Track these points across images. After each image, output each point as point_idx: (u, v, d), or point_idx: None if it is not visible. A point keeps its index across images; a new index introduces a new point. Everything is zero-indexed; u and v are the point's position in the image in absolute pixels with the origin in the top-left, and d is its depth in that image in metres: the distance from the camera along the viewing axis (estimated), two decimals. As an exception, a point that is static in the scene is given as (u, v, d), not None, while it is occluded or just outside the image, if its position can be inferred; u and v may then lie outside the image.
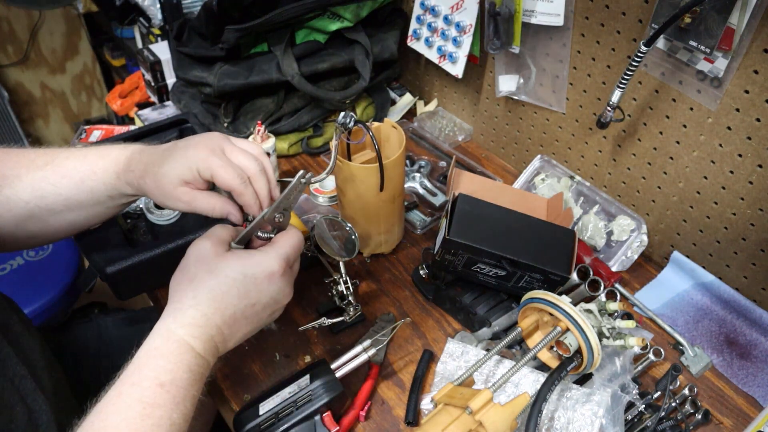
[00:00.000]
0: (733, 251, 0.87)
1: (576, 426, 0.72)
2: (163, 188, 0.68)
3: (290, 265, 0.66)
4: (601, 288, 0.85)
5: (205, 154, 0.66)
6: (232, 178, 0.66)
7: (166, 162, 0.68)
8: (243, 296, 0.61)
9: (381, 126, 0.90)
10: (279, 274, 0.63)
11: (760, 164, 0.78)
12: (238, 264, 0.62)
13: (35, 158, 0.73)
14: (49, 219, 0.74)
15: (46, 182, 0.72)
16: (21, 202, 0.72)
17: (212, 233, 0.65)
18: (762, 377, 0.82)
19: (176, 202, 0.69)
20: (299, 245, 0.66)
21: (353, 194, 0.87)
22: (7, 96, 2.27)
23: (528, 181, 1.10)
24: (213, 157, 0.66)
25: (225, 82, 1.08)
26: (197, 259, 0.62)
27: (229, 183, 0.66)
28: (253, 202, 0.68)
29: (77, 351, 0.96)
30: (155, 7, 1.79)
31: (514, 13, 0.95)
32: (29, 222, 0.74)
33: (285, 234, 0.67)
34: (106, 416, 0.54)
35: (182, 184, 0.67)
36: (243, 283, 0.61)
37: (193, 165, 0.67)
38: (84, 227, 0.79)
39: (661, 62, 0.82)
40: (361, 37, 1.15)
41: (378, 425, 0.76)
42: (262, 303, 0.63)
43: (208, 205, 0.69)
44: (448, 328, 0.89)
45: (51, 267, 1.47)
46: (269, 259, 0.63)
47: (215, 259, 0.62)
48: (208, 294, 0.60)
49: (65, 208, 0.74)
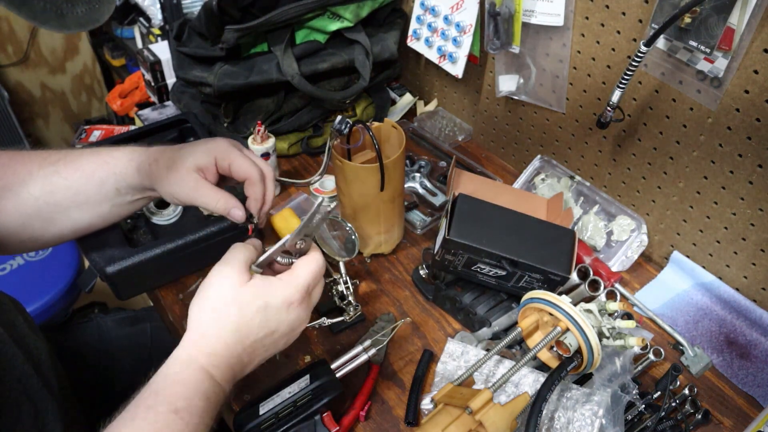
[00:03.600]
0: (733, 251, 0.87)
1: (576, 426, 0.72)
2: (175, 169, 0.71)
3: (309, 292, 0.65)
4: (601, 288, 0.85)
5: (225, 146, 0.73)
6: (250, 166, 0.72)
7: (184, 148, 0.73)
8: (263, 326, 0.61)
9: (381, 126, 0.90)
10: (298, 302, 0.62)
11: (760, 164, 0.78)
12: (261, 294, 0.61)
13: (48, 156, 0.75)
14: (55, 217, 0.75)
15: (57, 176, 0.73)
16: (31, 198, 0.73)
17: (234, 257, 0.63)
18: (762, 377, 0.82)
19: (182, 187, 0.70)
20: (320, 271, 0.65)
21: (353, 194, 0.87)
22: (7, 96, 2.26)
23: (528, 181, 1.10)
24: (233, 149, 0.72)
25: (225, 82, 1.08)
26: (220, 286, 0.61)
27: (246, 170, 0.71)
28: (260, 196, 0.70)
29: (77, 351, 0.96)
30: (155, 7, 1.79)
31: (514, 13, 0.96)
32: (35, 220, 0.74)
33: (305, 259, 0.65)
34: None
35: (195, 169, 0.70)
36: (265, 313, 0.61)
37: (212, 152, 0.72)
38: (85, 231, 0.80)
39: (661, 62, 0.82)
40: (361, 37, 1.15)
41: (378, 425, 0.76)
42: (281, 332, 0.63)
43: (212, 197, 0.71)
44: (448, 328, 0.89)
45: (51, 267, 1.47)
46: (290, 288, 0.62)
47: (239, 288, 0.61)
48: (232, 325, 0.60)
49: (72, 203, 0.74)
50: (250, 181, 0.73)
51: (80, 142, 1.33)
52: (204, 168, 0.71)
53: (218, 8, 1.03)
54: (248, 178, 0.73)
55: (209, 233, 0.91)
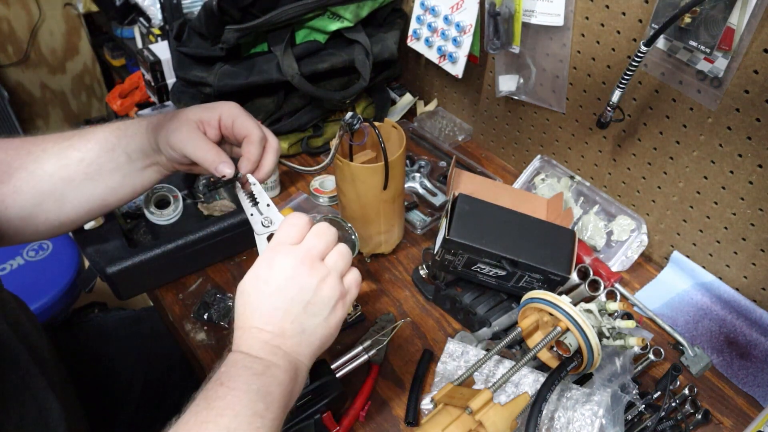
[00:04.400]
0: (733, 251, 0.87)
1: (576, 426, 0.72)
2: (176, 118, 0.71)
3: (296, 242, 0.62)
4: (601, 288, 0.85)
5: (232, 105, 0.73)
6: (253, 126, 0.71)
7: (191, 106, 0.74)
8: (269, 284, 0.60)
9: (381, 126, 0.90)
10: (284, 254, 0.61)
11: (760, 164, 0.78)
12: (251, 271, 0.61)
13: (63, 133, 0.76)
14: (68, 193, 0.75)
15: (71, 149, 0.74)
16: (45, 175, 0.73)
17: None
18: (762, 377, 0.82)
19: (177, 135, 0.70)
20: (294, 222, 0.62)
21: (353, 194, 0.87)
22: (7, 96, 2.27)
23: (528, 181, 1.10)
24: (241, 110, 0.72)
25: (225, 82, 1.08)
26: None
27: (249, 127, 0.71)
28: (255, 158, 0.70)
29: (77, 351, 0.96)
30: (155, 7, 1.79)
31: (514, 13, 0.96)
32: (49, 199, 0.74)
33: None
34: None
35: (196, 121, 0.71)
36: (264, 280, 0.60)
37: (217, 109, 0.72)
38: (98, 211, 0.79)
39: (661, 62, 0.82)
40: (361, 37, 1.15)
41: (378, 425, 0.76)
42: (287, 282, 0.60)
43: (203, 147, 0.70)
44: (448, 328, 0.89)
45: (51, 267, 1.47)
46: (265, 254, 0.61)
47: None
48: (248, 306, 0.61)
49: (85, 176, 0.74)
50: (248, 140, 0.70)
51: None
52: (205, 122, 0.71)
53: (218, 8, 1.03)
54: (248, 136, 0.71)
55: (209, 233, 0.91)
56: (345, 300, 0.63)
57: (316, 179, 1.12)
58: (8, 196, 0.72)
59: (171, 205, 0.97)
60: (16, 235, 0.75)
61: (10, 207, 0.72)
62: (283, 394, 0.57)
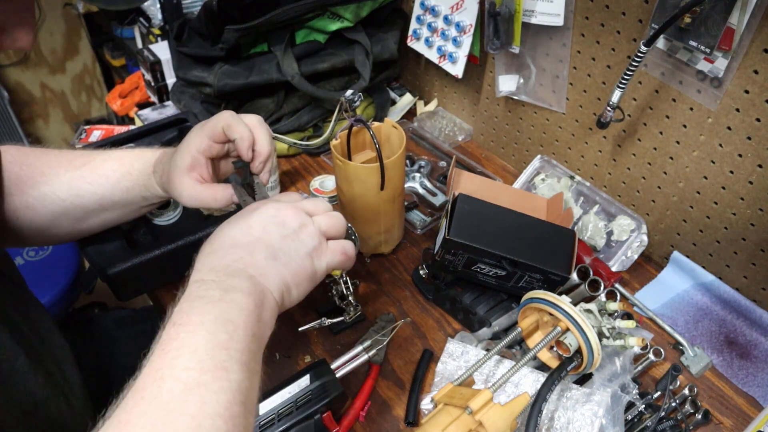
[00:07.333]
0: (733, 251, 0.87)
1: (576, 426, 0.72)
2: (172, 179, 0.72)
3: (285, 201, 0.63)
4: (601, 288, 0.85)
5: (220, 120, 0.71)
6: (241, 129, 0.70)
7: (178, 149, 0.72)
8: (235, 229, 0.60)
9: (381, 126, 0.90)
10: (270, 204, 0.62)
11: (760, 164, 0.78)
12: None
13: (73, 159, 0.77)
14: (83, 217, 0.77)
15: (83, 181, 0.75)
16: (58, 200, 0.74)
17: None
18: (762, 377, 0.82)
19: (183, 195, 0.72)
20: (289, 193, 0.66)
21: (353, 194, 0.87)
22: (7, 96, 2.27)
23: (528, 181, 1.10)
24: (227, 119, 0.71)
25: (225, 82, 1.08)
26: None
27: (248, 122, 0.71)
28: (250, 143, 0.71)
29: (77, 351, 0.95)
30: (155, 7, 1.79)
31: (514, 13, 0.96)
32: (63, 218, 0.76)
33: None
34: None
35: (187, 171, 0.71)
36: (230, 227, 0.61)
37: (205, 137, 0.71)
38: (115, 224, 0.83)
39: (661, 62, 0.82)
40: (361, 37, 1.15)
41: (378, 425, 0.76)
42: (262, 224, 0.60)
43: (210, 196, 0.72)
44: (448, 328, 0.89)
45: (51, 267, 1.46)
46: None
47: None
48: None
49: (99, 207, 0.77)
50: (253, 127, 0.72)
51: (80, 142, 1.33)
52: (195, 163, 0.72)
53: (218, 8, 1.03)
54: (252, 127, 0.72)
55: (209, 233, 0.91)
56: (324, 253, 0.62)
57: (316, 179, 1.12)
58: (20, 210, 0.74)
59: (171, 205, 0.97)
60: (35, 241, 0.78)
61: (22, 219, 0.74)
62: (247, 322, 0.52)
